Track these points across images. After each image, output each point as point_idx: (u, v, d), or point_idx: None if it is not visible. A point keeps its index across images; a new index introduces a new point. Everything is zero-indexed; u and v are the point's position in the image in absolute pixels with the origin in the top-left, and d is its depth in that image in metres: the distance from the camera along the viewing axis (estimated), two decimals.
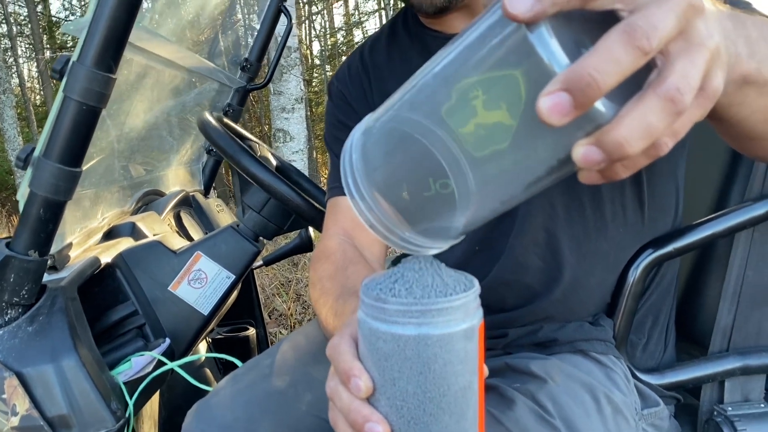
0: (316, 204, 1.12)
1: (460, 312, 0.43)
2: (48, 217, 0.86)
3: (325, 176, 1.02)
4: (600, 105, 0.32)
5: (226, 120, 1.23)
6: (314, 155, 12.16)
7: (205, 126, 1.09)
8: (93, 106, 0.83)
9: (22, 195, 0.85)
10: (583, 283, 0.86)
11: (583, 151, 0.33)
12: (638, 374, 0.88)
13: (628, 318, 0.88)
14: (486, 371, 0.48)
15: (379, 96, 0.97)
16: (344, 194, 0.95)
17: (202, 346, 1.85)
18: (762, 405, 0.90)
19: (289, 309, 3.80)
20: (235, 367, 1.01)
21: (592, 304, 0.89)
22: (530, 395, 0.78)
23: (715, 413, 0.90)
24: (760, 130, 0.52)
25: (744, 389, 0.92)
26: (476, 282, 0.46)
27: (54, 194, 0.85)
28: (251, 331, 1.94)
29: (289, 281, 4.34)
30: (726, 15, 0.42)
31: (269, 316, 3.76)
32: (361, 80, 1.01)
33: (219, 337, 1.91)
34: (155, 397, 1.57)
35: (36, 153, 0.85)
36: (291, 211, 1.11)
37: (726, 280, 0.92)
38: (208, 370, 1.72)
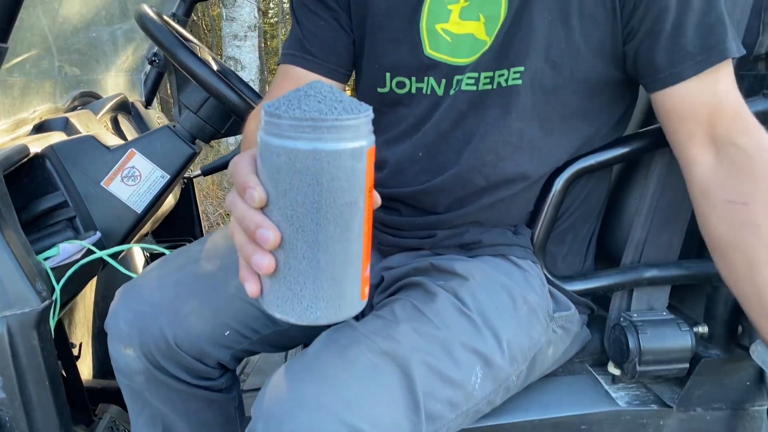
0: (256, 107, 1.11)
1: (350, 132, 0.47)
2: None
3: None
4: None
5: (166, 18, 1.19)
6: (266, 89, 11.85)
7: (142, 18, 1.06)
8: None
9: None
10: (516, 198, 0.90)
11: None
12: (553, 280, 0.93)
13: (548, 225, 0.92)
14: (378, 199, 0.53)
15: None
16: (298, 64, 0.95)
17: (139, 260, 1.84)
18: (664, 313, 0.97)
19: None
20: None
21: (517, 214, 0.92)
22: (452, 291, 0.82)
23: (622, 319, 0.96)
24: None
25: (650, 299, 0.98)
26: (370, 110, 0.49)
27: None
28: None
29: None
30: None
31: None
32: None
33: (157, 251, 1.90)
34: (89, 306, 1.57)
35: None
36: (229, 111, 1.10)
37: (642, 197, 0.97)
38: None
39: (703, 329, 0.95)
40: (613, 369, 0.98)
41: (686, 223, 0.97)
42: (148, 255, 1.88)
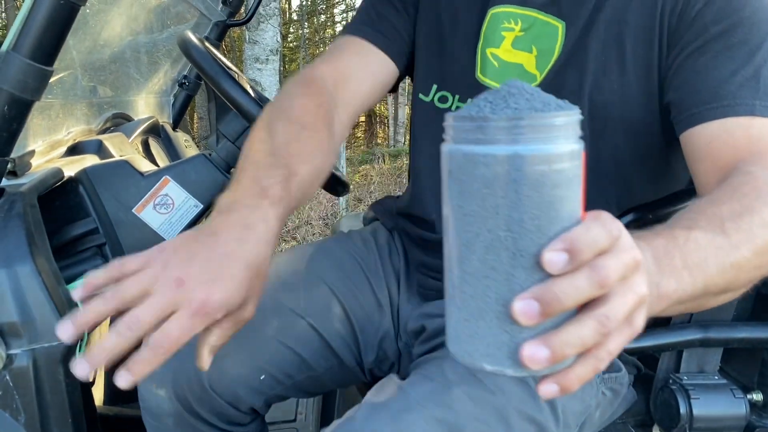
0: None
1: (567, 131, 0.39)
2: (13, 116, 0.80)
3: None
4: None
5: (208, 45, 1.17)
6: None
7: (186, 44, 1.04)
8: (71, 1, 0.78)
9: None
10: None
11: (528, 351, 0.39)
12: None
13: None
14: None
15: None
16: (367, 37, 0.92)
17: None
18: (715, 377, 0.92)
19: None
20: None
21: None
22: None
23: (671, 381, 0.91)
24: (706, 304, 0.63)
25: (701, 360, 0.94)
26: (578, 108, 0.41)
27: (21, 92, 0.79)
28: None
29: None
30: (652, 259, 0.50)
31: None
32: None
33: None
34: (104, 329, 1.53)
35: (4, 46, 0.80)
36: None
37: None
38: None
39: (757, 396, 0.90)
40: None
41: None
42: None
